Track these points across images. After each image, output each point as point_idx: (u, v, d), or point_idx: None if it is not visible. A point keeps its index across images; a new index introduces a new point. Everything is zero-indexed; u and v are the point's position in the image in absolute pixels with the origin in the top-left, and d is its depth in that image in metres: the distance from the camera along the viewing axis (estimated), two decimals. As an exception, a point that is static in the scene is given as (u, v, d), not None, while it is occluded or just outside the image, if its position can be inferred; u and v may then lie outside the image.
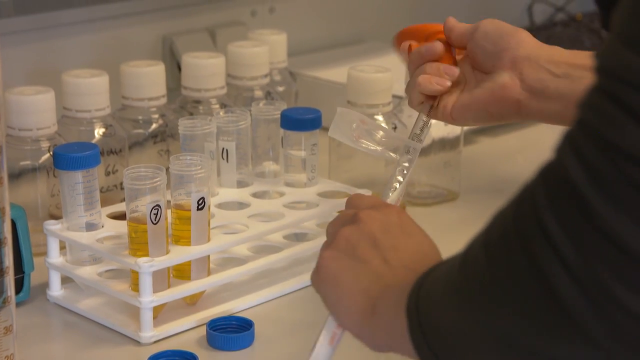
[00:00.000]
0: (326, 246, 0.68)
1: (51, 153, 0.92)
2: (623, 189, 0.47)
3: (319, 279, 0.66)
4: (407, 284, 0.61)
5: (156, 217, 0.80)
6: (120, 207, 0.89)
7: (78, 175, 0.84)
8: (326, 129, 0.98)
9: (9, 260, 0.70)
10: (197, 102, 1.07)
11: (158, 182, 0.80)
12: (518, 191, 0.52)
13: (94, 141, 0.97)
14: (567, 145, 0.49)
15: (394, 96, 1.04)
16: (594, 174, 0.47)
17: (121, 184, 0.99)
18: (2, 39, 1.07)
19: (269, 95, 1.11)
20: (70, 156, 0.83)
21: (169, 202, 0.84)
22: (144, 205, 0.80)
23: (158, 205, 0.80)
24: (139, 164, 0.82)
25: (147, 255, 0.80)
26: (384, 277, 0.64)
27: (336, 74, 1.24)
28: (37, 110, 0.93)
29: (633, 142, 0.46)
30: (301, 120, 0.93)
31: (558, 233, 0.48)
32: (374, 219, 0.67)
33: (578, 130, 0.49)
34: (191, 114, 1.06)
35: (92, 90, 0.97)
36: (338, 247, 0.66)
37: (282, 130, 0.95)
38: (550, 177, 0.50)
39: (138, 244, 0.81)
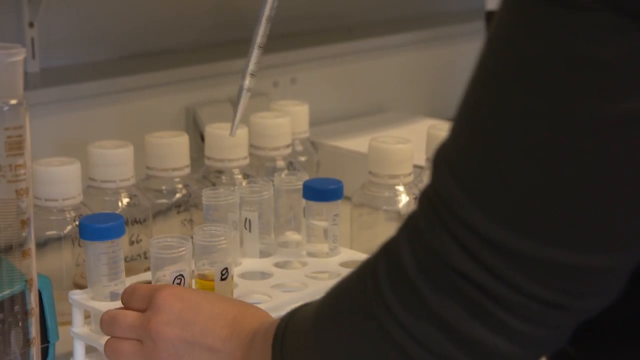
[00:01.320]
0: None
1: (76, 223, 0.93)
2: (446, 282, 0.56)
3: None
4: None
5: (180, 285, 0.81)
6: (144, 276, 0.90)
7: (103, 246, 0.85)
8: (348, 199, 1.00)
9: (35, 331, 0.71)
10: (220, 172, 1.08)
11: (183, 252, 0.81)
12: (361, 265, 0.61)
13: (118, 211, 0.98)
14: (405, 232, 0.58)
15: (415, 166, 1.05)
16: (423, 268, 0.56)
17: (145, 253, 1.00)
18: (29, 110, 1.09)
19: (291, 165, 1.12)
20: (95, 227, 0.84)
21: (193, 271, 0.84)
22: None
23: (181, 275, 0.81)
24: (165, 234, 0.83)
25: (170, 325, 0.80)
26: None
27: (357, 143, 1.25)
28: (63, 180, 0.94)
29: (454, 256, 0.55)
30: (323, 191, 0.94)
31: (397, 308, 0.57)
32: (166, 323, 0.73)
33: (412, 226, 0.58)
34: (214, 184, 1.07)
35: (117, 161, 0.99)
36: None
37: (304, 201, 0.96)
38: (389, 256, 0.59)
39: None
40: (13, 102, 0.66)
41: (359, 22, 1.51)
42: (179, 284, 0.81)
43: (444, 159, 0.57)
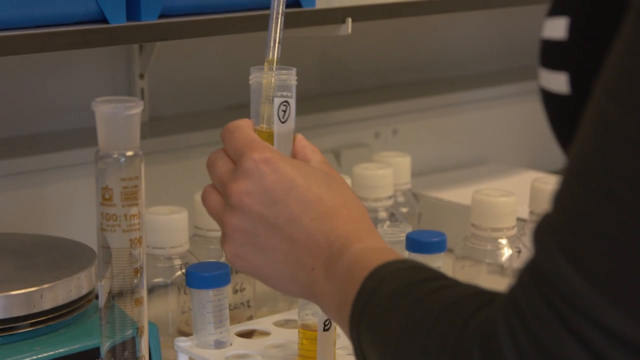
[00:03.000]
0: (225, 240, 0.66)
1: (183, 271, 0.95)
2: None
3: (240, 270, 0.67)
4: (330, 264, 0.62)
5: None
6: (248, 325, 0.91)
7: (209, 294, 0.86)
8: (450, 251, 0.99)
9: (144, 377, 0.72)
10: (322, 222, 1.09)
11: (295, 80, 0.80)
12: (451, 317, 0.53)
13: (222, 259, 1.00)
14: (505, 318, 0.48)
15: (518, 219, 1.04)
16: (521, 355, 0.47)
17: (249, 301, 1.01)
18: (138, 160, 1.12)
19: (392, 216, 1.13)
20: (202, 275, 0.86)
21: (296, 321, 0.85)
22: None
23: (287, 102, 0.76)
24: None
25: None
26: (302, 259, 0.63)
27: (459, 195, 1.25)
28: (171, 229, 0.96)
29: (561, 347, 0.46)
30: (427, 243, 0.94)
31: None
32: (250, 194, 0.64)
33: (514, 311, 0.48)
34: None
35: (222, 210, 1.01)
36: (238, 242, 0.65)
37: (407, 252, 0.96)
38: (486, 342, 0.49)
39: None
40: (129, 153, 0.68)
41: (461, 74, 1.52)
42: (284, 112, 0.75)
43: (553, 235, 0.47)
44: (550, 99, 0.55)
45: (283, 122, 0.73)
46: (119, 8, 0.86)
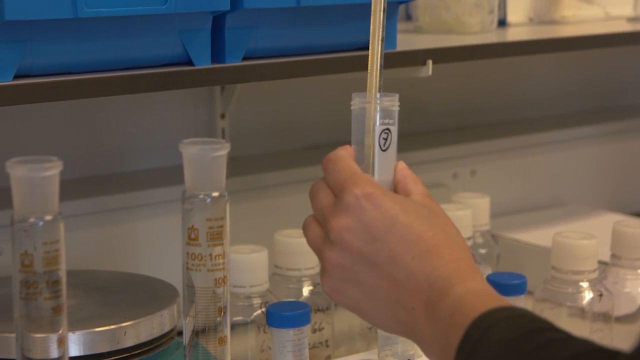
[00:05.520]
0: (324, 274, 0.65)
1: (263, 310, 0.96)
2: None
3: (339, 303, 0.65)
4: (432, 307, 0.59)
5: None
6: (327, 365, 0.91)
7: (289, 333, 0.87)
8: (530, 293, 0.99)
9: (225, 415, 0.73)
10: (401, 262, 1.09)
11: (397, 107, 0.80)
12: None
13: (301, 299, 1.01)
14: None
15: (600, 262, 1.03)
16: None
17: (327, 341, 1.02)
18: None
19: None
20: (283, 315, 0.86)
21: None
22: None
23: (388, 130, 0.75)
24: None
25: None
26: (402, 298, 0.61)
27: (538, 237, 1.24)
28: (252, 268, 0.97)
29: None
30: (507, 286, 0.94)
31: None
32: (350, 230, 0.62)
33: None
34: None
35: (302, 250, 1.01)
36: (337, 277, 0.64)
37: (486, 294, 0.95)
38: None
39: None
40: (215, 194, 0.69)
41: (539, 115, 1.51)
42: (385, 140, 0.73)
43: None
44: None
45: (384, 150, 0.71)
46: (204, 51, 0.88)
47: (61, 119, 1.10)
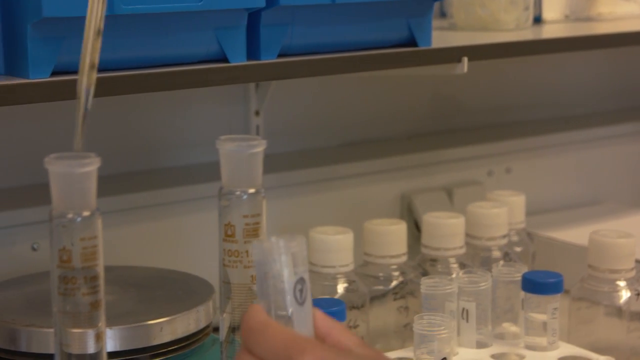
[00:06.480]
0: None
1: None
2: None
3: None
4: None
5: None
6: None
7: (325, 330, 0.87)
8: (566, 292, 0.98)
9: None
10: (435, 260, 1.09)
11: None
12: None
13: (336, 296, 1.01)
14: None
15: (637, 261, 1.03)
16: None
17: (362, 338, 1.01)
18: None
19: (506, 255, 1.12)
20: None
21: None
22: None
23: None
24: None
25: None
26: None
27: (574, 235, 1.24)
28: (287, 265, 0.97)
29: None
30: (544, 284, 0.93)
31: None
32: None
33: None
34: (426, 271, 1.08)
35: (337, 247, 1.01)
36: None
37: (522, 292, 0.95)
38: None
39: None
40: (252, 191, 0.69)
41: (575, 112, 1.51)
42: (301, 291, 0.62)
43: None
44: None
45: (301, 304, 0.61)
46: (239, 48, 0.88)
47: (97, 116, 1.10)
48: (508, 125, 1.43)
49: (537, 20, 1.26)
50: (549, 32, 1.21)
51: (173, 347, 0.86)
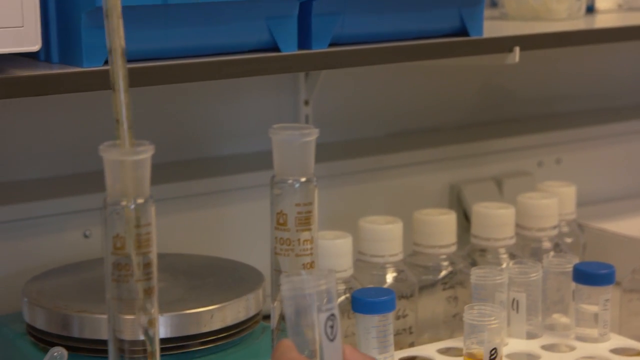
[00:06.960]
0: None
1: (347, 296, 0.96)
2: None
3: None
4: None
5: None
6: (412, 351, 0.91)
7: (374, 319, 0.87)
8: (617, 283, 0.97)
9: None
10: (484, 250, 1.08)
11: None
12: None
13: (385, 285, 1.01)
14: None
15: (690, 253, 1.02)
16: None
17: (410, 327, 1.01)
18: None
19: (557, 246, 1.11)
20: (368, 300, 0.87)
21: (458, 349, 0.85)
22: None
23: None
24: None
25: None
26: None
27: (625, 226, 1.23)
28: (336, 254, 0.97)
29: None
30: (595, 275, 0.93)
31: None
32: None
33: None
34: (475, 262, 1.07)
35: (386, 236, 1.01)
36: None
37: (573, 284, 0.95)
38: None
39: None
40: (304, 179, 0.69)
41: (627, 102, 1.49)
42: (332, 327, 0.63)
43: None
44: None
45: (332, 341, 0.61)
46: (291, 37, 0.88)
47: (149, 104, 1.11)
48: (558, 116, 1.42)
49: (590, 9, 1.25)
50: (601, 21, 1.20)
51: (223, 335, 0.86)
